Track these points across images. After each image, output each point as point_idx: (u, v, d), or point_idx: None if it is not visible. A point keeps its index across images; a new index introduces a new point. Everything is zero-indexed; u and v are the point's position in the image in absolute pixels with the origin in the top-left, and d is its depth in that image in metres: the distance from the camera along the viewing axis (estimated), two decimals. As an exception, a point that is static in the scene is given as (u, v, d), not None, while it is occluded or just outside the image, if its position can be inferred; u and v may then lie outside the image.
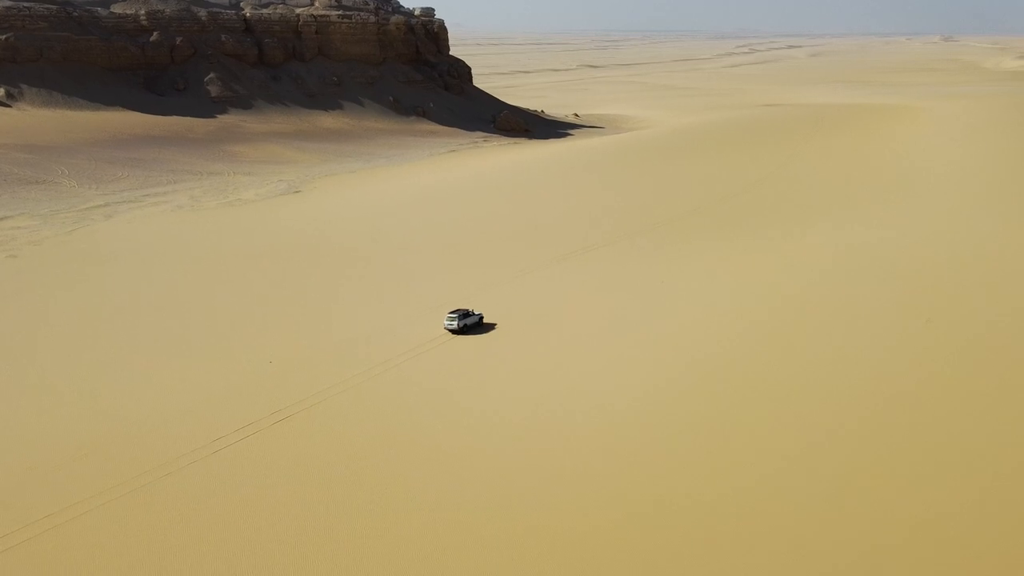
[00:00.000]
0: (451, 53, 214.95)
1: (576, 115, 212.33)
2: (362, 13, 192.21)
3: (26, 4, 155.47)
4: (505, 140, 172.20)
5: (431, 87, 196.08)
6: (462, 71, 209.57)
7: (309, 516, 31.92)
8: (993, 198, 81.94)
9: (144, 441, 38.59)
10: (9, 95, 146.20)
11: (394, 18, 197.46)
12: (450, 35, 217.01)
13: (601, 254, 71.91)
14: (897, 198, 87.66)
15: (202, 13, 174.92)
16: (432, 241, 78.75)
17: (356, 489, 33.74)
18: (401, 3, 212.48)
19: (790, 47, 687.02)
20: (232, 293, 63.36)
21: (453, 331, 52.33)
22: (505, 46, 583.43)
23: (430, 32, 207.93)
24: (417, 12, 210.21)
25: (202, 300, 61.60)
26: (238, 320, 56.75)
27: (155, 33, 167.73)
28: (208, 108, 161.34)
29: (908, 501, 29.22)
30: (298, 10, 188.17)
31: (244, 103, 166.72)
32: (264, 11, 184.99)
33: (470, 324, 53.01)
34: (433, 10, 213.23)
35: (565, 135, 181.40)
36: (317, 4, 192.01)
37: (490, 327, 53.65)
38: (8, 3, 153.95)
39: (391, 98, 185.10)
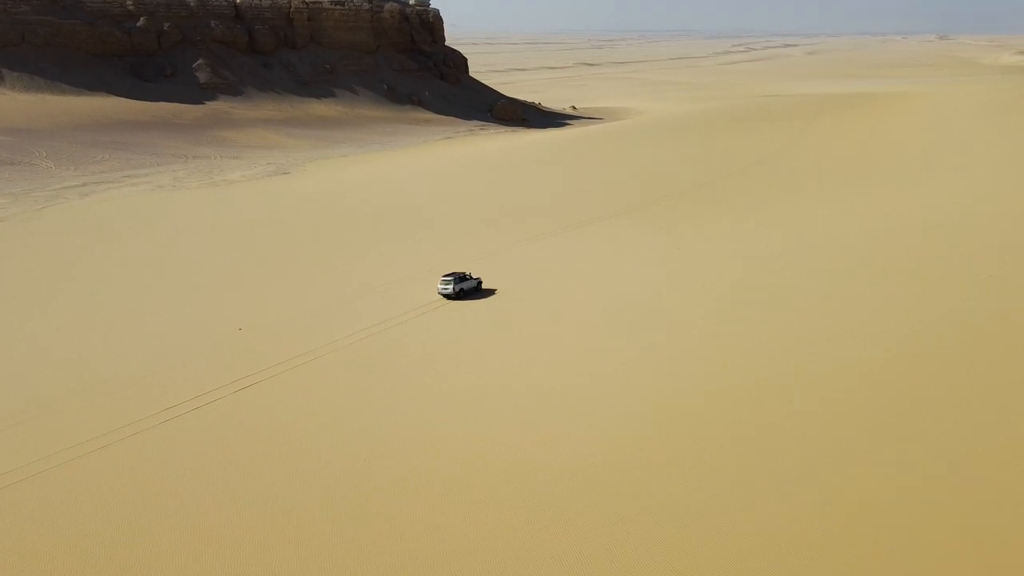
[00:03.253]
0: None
1: (574, 107, 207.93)
2: (355, 0, 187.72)
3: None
4: (502, 129, 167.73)
5: (426, 76, 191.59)
6: (458, 61, 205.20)
7: (261, 494, 27.29)
8: (1008, 171, 77.62)
9: (93, 406, 34.20)
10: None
11: (388, 6, 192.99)
12: (446, 36, 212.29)
13: (607, 225, 67.51)
14: (904, 172, 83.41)
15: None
16: (428, 213, 74.25)
17: (317, 469, 29.12)
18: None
19: (786, 45, 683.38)
20: (203, 262, 58.80)
21: (448, 296, 47.65)
22: (501, 45, 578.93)
23: (425, 21, 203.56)
24: (412, 1, 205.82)
25: (169, 269, 57.09)
26: (206, 287, 52.13)
27: (142, 18, 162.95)
28: (196, 95, 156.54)
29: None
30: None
31: (234, 90, 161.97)
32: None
33: (467, 289, 48.29)
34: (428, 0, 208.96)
35: (563, 125, 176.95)
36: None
37: (489, 292, 49.01)
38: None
39: (385, 86, 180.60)
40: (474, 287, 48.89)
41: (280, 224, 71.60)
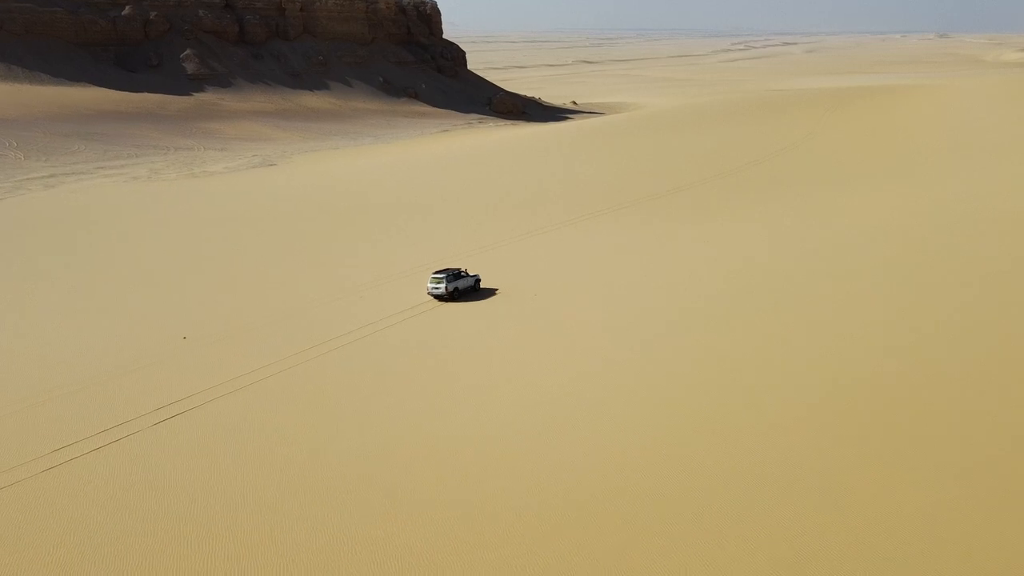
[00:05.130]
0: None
1: (574, 102, 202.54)
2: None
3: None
4: (502, 122, 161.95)
5: (423, 69, 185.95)
6: (456, 54, 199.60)
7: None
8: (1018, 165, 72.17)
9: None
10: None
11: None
12: (444, 35, 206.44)
13: (611, 219, 61.99)
14: (909, 170, 78.01)
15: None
16: (424, 207, 68.47)
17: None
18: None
19: (785, 44, 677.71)
20: (163, 259, 52.95)
21: (439, 297, 41.63)
22: (499, 43, 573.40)
23: (422, 14, 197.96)
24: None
25: (123, 266, 51.45)
26: (159, 288, 46.21)
27: (127, 7, 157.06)
28: (183, 86, 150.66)
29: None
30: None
31: (222, 81, 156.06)
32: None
33: (463, 288, 42.30)
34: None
35: (564, 119, 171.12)
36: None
37: (490, 292, 43.11)
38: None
39: (381, 79, 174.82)
40: (471, 285, 42.95)
41: (263, 217, 65.90)
